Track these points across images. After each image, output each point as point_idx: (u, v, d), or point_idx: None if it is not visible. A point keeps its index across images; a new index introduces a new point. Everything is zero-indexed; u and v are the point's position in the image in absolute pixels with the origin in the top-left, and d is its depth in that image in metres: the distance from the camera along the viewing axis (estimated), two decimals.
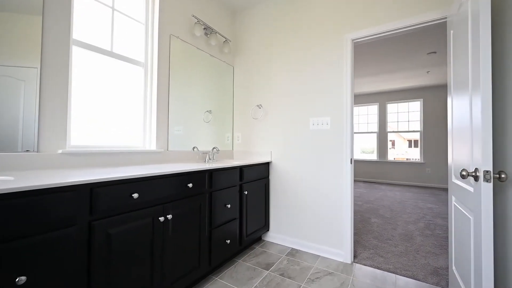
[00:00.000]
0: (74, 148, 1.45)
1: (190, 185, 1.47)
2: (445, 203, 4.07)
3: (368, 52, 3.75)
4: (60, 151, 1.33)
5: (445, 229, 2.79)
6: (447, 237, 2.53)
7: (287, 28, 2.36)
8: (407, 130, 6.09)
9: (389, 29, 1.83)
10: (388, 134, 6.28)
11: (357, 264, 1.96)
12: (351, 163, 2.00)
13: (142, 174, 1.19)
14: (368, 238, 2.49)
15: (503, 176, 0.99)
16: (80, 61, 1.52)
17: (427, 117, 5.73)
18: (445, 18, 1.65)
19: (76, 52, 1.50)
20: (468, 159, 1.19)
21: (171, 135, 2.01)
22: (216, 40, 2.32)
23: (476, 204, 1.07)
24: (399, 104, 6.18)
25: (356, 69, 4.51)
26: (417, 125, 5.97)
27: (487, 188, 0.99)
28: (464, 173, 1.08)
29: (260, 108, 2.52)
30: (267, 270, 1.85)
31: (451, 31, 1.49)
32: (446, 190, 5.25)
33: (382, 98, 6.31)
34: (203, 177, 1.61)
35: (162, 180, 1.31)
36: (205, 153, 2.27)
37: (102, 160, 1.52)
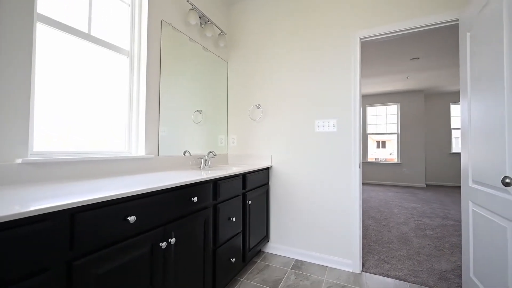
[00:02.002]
0: (39, 156, 1.10)
1: (195, 199, 1.22)
2: (427, 202, 4.28)
3: None
4: (19, 161, 0.99)
5: (435, 228, 2.88)
6: (441, 238, 2.59)
7: (290, 25, 2.20)
8: (385, 132, 6.38)
9: (400, 29, 1.78)
10: (368, 135, 6.51)
11: (366, 274, 1.87)
12: (359, 167, 1.90)
13: (140, 190, 0.92)
14: (369, 243, 2.43)
15: None
16: (47, 43, 1.18)
17: (403, 120, 6.06)
18: (457, 20, 1.63)
19: (42, 32, 1.16)
20: (499, 164, 1.13)
21: (159, 138, 1.71)
22: (212, 32, 2.08)
23: None
24: (377, 107, 6.45)
25: None
26: (393, 128, 6.28)
27: None
28: (508, 180, 1.01)
29: (259, 108, 2.32)
30: None
31: (468, 33, 1.46)
32: (422, 188, 5.58)
33: (363, 101, 6.53)
34: (208, 188, 1.36)
35: (163, 195, 1.05)
36: (199, 158, 2.01)
37: (78, 170, 1.20)
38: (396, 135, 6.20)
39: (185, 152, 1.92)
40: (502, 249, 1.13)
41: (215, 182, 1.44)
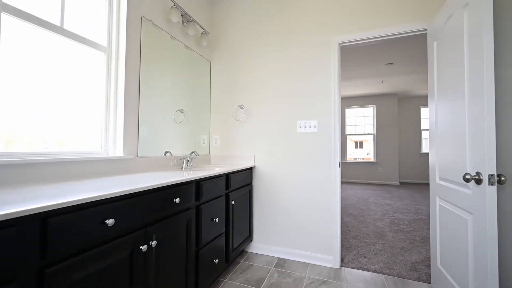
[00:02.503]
0: (3, 158, 1.02)
1: (177, 200, 1.20)
2: (400, 199, 4.55)
3: None
4: None
5: (407, 223, 3.08)
6: (412, 231, 2.78)
7: (273, 28, 2.24)
8: (362, 133, 6.69)
9: (375, 36, 1.88)
10: (346, 136, 6.78)
11: (345, 268, 1.95)
12: (339, 166, 1.98)
13: (118, 192, 0.89)
14: (348, 239, 2.54)
15: (503, 179, 1.05)
16: (14, 35, 1.09)
17: (379, 122, 6.39)
18: (425, 30, 1.77)
19: (8, 23, 1.07)
20: (461, 162, 1.25)
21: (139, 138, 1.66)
22: (195, 30, 2.05)
23: (477, 206, 1.11)
24: (355, 109, 6.74)
25: None
26: (370, 129, 6.60)
27: (491, 191, 1.04)
28: (468, 176, 1.11)
29: (242, 108, 2.33)
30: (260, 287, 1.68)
31: (435, 42, 1.59)
32: (396, 186, 5.93)
33: (342, 103, 6.79)
34: (190, 188, 1.35)
35: (144, 197, 1.02)
36: (181, 158, 1.97)
37: (48, 172, 1.12)
38: (372, 136, 6.52)
39: (166, 152, 1.88)
40: (463, 239, 1.24)
41: (197, 183, 1.42)
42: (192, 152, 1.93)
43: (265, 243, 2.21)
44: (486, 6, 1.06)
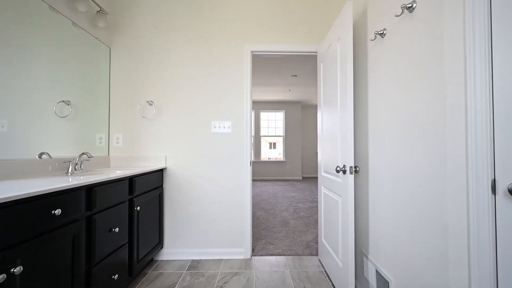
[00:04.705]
0: None
1: (57, 212, 0.97)
2: (302, 191, 5.38)
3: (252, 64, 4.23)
4: None
5: (305, 210, 3.69)
6: (308, 216, 3.36)
7: (189, 23, 2.17)
8: (274, 135, 7.49)
9: (280, 50, 2.17)
10: (261, 137, 7.41)
11: (255, 257, 2.14)
12: (250, 165, 2.16)
13: None
14: (259, 230, 2.79)
15: (358, 169, 1.46)
16: None
17: (287, 125, 7.34)
18: (316, 52, 2.19)
19: None
20: (335, 158, 1.63)
21: None
22: (87, 6, 1.72)
23: (343, 189, 1.49)
24: (269, 113, 7.47)
25: None
26: (280, 131, 7.49)
27: (351, 178, 1.41)
28: (338, 168, 1.47)
29: (151, 105, 2.14)
30: None
31: (321, 64, 2.00)
32: (299, 180, 6.97)
33: (257, 106, 7.37)
34: (78, 197, 1.12)
35: (3, 212, 0.77)
36: (66, 161, 1.60)
37: None
38: (282, 137, 7.42)
39: (41, 154, 1.48)
40: (336, 217, 1.62)
41: (89, 189, 1.20)
42: (83, 154, 1.60)
43: (178, 247, 2.11)
44: (349, 40, 1.43)
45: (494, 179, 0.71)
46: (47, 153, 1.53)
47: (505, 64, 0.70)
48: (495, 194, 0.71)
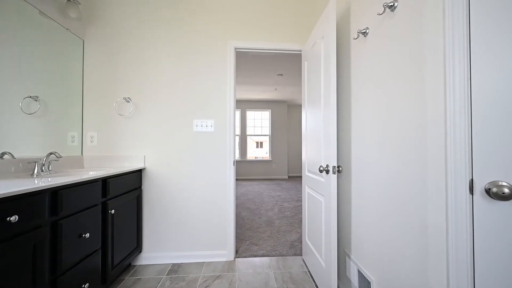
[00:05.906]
0: None
1: (13, 218, 0.87)
2: (287, 190, 5.40)
3: (237, 62, 4.17)
4: None
5: (291, 209, 3.69)
6: (293, 216, 3.36)
7: (171, 16, 2.07)
8: (260, 134, 7.47)
9: (265, 48, 2.13)
10: (247, 136, 7.36)
11: (239, 259, 2.09)
12: (234, 164, 2.10)
13: None
14: (243, 231, 2.75)
15: (340, 169, 1.45)
16: None
17: (273, 124, 7.34)
18: (300, 51, 2.17)
19: None
20: (319, 158, 1.62)
21: None
22: None
23: (327, 189, 1.47)
24: (255, 112, 7.43)
25: None
26: (267, 130, 7.48)
27: (334, 178, 1.40)
28: (321, 168, 1.46)
29: (128, 102, 2.02)
30: None
31: (306, 62, 1.99)
32: (285, 180, 7.00)
33: (244, 105, 7.31)
34: (41, 201, 1.02)
35: None
36: (31, 161, 1.46)
37: None
38: (268, 137, 7.42)
39: (3, 154, 1.34)
40: (319, 216, 1.61)
41: (54, 192, 1.10)
42: (51, 153, 1.47)
43: (158, 251, 2.02)
44: (332, 39, 1.42)
45: (472, 180, 0.71)
46: (10, 153, 1.39)
47: (483, 66, 0.70)
48: (472, 194, 0.71)
